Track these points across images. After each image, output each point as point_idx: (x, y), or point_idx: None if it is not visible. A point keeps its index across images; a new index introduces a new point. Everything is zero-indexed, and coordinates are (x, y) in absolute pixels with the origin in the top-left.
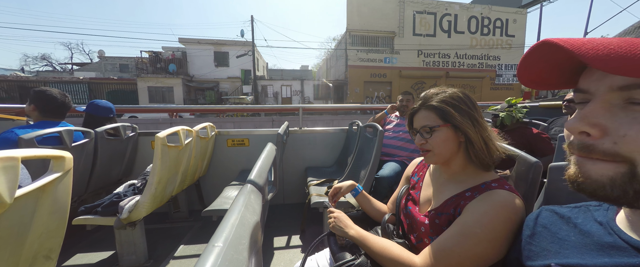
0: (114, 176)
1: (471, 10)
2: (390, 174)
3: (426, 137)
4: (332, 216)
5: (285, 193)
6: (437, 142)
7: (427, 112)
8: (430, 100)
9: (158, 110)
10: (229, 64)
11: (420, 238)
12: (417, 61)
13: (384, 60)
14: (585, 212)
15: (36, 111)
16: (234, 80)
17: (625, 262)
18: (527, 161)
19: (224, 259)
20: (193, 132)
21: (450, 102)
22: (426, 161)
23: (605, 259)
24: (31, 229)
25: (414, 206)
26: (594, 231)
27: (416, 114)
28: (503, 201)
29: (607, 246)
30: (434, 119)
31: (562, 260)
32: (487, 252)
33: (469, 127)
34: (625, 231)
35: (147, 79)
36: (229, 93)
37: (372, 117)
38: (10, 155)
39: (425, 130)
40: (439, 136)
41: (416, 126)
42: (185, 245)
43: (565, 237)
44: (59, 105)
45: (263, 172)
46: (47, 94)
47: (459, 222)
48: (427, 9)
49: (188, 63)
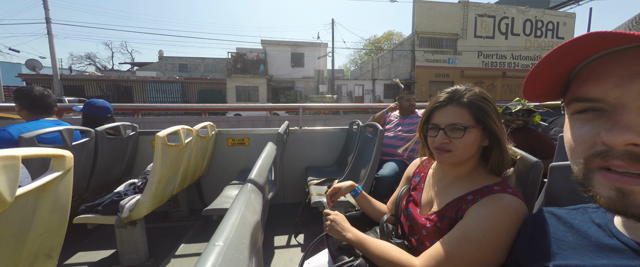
0: (114, 175)
1: (526, 14)
2: (390, 173)
3: (453, 136)
4: (329, 218)
5: (286, 193)
6: (463, 144)
7: (458, 108)
8: (463, 96)
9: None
10: (304, 64)
11: (422, 241)
12: (477, 62)
13: (448, 61)
14: (583, 214)
15: (24, 110)
16: (307, 80)
17: (624, 264)
18: (528, 161)
19: (225, 258)
20: (193, 131)
21: (484, 102)
22: (440, 160)
23: (603, 261)
24: (32, 228)
25: (415, 208)
26: (592, 232)
27: (441, 109)
28: (506, 205)
29: (606, 248)
30: (467, 118)
31: (561, 261)
32: (488, 257)
33: (500, 132)
34: (624, 233)
35: (235, 79)
36: (304, 92)
37: (372, 117)
38: (10, 154)
39: (455, 129)
40: (469, 137)
41: (439, 122)
42: (185, 244)
43: (563, 239)
44: (42, 100)
45: (263, 172)
46: (26, 91)
47: (461, 226)
48: (487, 12)
49: (268, 64)
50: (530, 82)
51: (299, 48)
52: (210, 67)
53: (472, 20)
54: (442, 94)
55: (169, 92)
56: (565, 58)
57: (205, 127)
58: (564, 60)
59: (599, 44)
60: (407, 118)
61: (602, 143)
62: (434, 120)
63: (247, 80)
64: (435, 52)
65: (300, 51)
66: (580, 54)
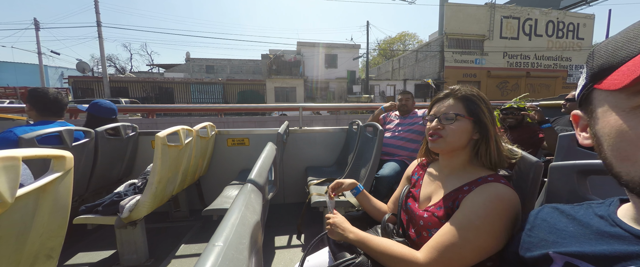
0: (114, 175)
1: (549, 15)
2: (390, 173)
3: (445, 123)
4: (329, 222)
5: (286, 193)
6: (453, 131)
7: (454, 101)
8: (459, 92)
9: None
10: (337, 65)
11: (419, 232)
12: (502, 62)
13: (475, 61)
14: (587, 209)
15: (33, 111)
16: (340, 81)
17: (624, 249)
18: (528, 161)
19: (225, 258)
20: (193, 131)
21: (478, 98)
22: (432, 146)
23: (603, 247)
24: (32, 229)
25: (413, 203)
26: (594, 223)
27: (440, 102)
28: (499, 193)
29: (607, 235)
30: (460, 109)
31: (560, 249)
32: (486, 243)
33: (490, 125)
34: (627, 223)
35: (275, 79)
36: (337, 93)
37: (371, 116)
38: (11, 154)
39: (447, 117)
40: (459, 125)
41: (436, 112)
42: (185, 244)
43: (564, 228)
44: (54, 103)
45: (263, 172)
46: (41, 93)
47: (458, 215)
48: (512, 14)
49: (303, 65)
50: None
51: (332, 50)
52: (236, 69)
53: (498, 21)
54: (445, 90)
55: (211, 93)
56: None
57: (205, 127)
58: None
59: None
60: (407, 118)
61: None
62: (432, 111)
63: (285, 81)
64: (463, 53)
65: (333, 53)
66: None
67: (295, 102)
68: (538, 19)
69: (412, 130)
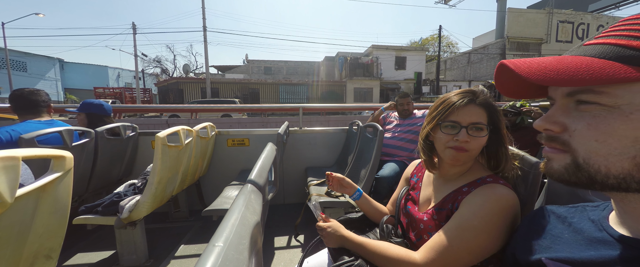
0: (114, 175)
1: (599, 20)
2: (390, 174)
3: (474, 135)
4: (324, 233)
5: (286, 193)
6: (479, 144)
7: (478, 108)
8: (479, 97)
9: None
10: (406, 67)
11: (420, 235)
12: None
13: None
14: (582, 212)
15: (15, 111)
16: (408, 82)
17: (609, 255)
18: (528, 161)
19: (225, 258)
20: (193, 132)
21: (494, 105)
22: (452, 161)
23: (591, 253)
24: (32, 229)
25: (413, 206)
26: (586, 228)
27: (462, 108)
28: (498, 193)
29: (596, 241)
30: (485, 118)
31: (552, 254)
32: (485, 244)
33: (505, 131)
34: (614, 227)
35: (355, 81)
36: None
37: (371, 116)
38: (11, 154)
39: (477, 128)
40: (485, 138)
41: (461, 120)
42: (185, 245)
43: (559, 235)
44: (29, 102)
45: (263, 172)
46: (18, 93)
47: (457, 215)
48: (567, 18)
49: (380, 66)
50: (499, 85)
51: (402, 52)
52: (291, 70)
53: (555, 26)
54: (455, 94)
55: (296, 93)
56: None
57: (205, 127)
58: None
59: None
60: (407, 119)
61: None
62: (453, 117)
63: (364, 82)
64: (523, 56)
65: (403, 55)
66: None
67: (371, 101)
68: (590, 23)
69: (412, 130)
